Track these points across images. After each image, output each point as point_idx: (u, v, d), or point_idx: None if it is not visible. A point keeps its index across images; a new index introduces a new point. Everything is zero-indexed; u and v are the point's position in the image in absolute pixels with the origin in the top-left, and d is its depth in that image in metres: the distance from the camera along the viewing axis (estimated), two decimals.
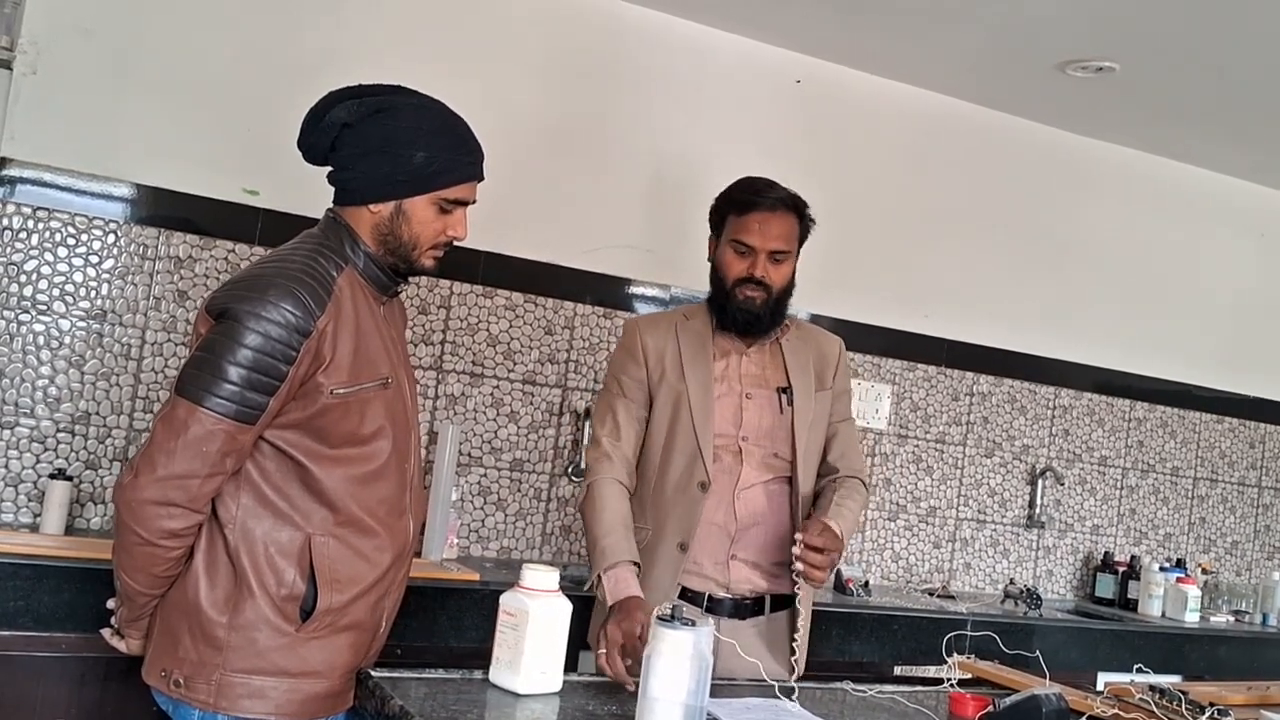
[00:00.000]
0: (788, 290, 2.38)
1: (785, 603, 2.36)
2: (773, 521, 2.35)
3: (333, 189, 1.86)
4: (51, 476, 2.73)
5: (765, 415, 2.37)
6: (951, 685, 2.17)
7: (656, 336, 2.41)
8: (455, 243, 1.89)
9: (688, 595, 2.32)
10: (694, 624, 1.58)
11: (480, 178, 1.88)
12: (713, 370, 2.37)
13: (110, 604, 1.85)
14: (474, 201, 1.88)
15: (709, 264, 2.44)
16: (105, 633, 1.87)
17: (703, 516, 2.31)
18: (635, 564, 2.18)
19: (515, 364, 3.38)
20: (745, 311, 2.34)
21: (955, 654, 2.47)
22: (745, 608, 2.34)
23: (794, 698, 1.94)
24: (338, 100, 1.81)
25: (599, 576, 2.15)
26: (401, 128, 1.79)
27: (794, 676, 2.29)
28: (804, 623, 2.38)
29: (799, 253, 2.41)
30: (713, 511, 2.32)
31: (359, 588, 1.78)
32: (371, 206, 1.81)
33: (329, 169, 1.85)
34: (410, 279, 1.94)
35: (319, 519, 1.75)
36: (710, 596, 2.32)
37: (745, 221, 2.33)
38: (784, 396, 2.38)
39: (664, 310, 3.20)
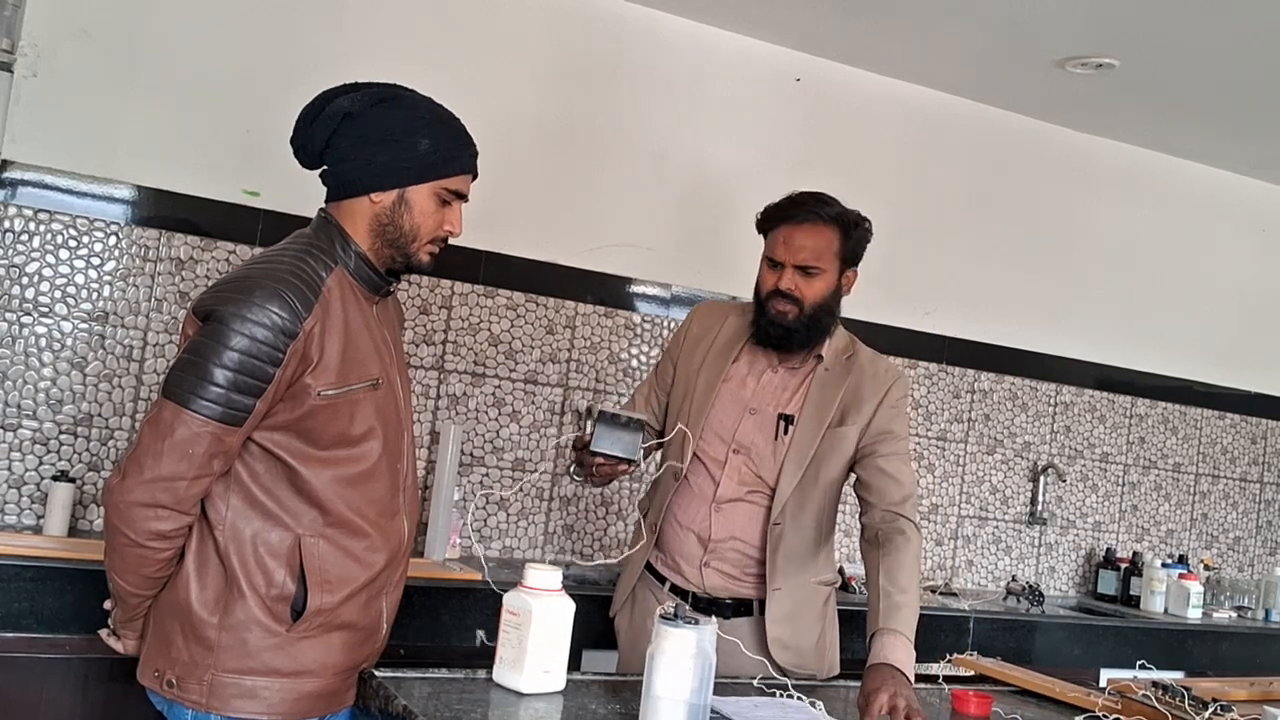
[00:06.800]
0: (824, 307, 2.30)
1: (747, 609, 2.32)
2: (746, 540, 2.32)
3: (326, 189, 1.86)
4: (54, 478, 2.74)
5: (760, 436, 2.32)
6: (954, 684, 2.17)
7: (706, 323, 2.47)
8: (451, 239, 1.89)
9: (676, 590, 2.35)
10: (697, 623, 1.59)
11: (476, 172, 1.90)
12: (726, 372, 2.37)
13: (107, 605, 1.86)
14: (468, 198, 1.89)
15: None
16: (103, 633, 1.88)
17: (681, 520, 2.35)
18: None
19: (517, 364, 3.39)
20: (776, 325, 2.29)
21: (958, 651, 2.48)
22: (723, 607, 2.31)
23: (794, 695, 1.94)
24: (337, 94, 1.82)
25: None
26: (406, 116, 1.80)
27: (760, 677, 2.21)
28: (821, 624, 2.36)
29: (844, 269, 2.33)
30: (691, 517, 2.34)
31: (350, 588, 1.77)
32: (373, 196, 1.80)
33: (322, 169, 1.85)
34: (405, 278, 1.94)
35: (308, 520, 1.75)
36: (695, 595, 2.33)
37: (774, 235, 2.33)
38: (783, 423, 2.32)
39: (731, 302, 3.14)
